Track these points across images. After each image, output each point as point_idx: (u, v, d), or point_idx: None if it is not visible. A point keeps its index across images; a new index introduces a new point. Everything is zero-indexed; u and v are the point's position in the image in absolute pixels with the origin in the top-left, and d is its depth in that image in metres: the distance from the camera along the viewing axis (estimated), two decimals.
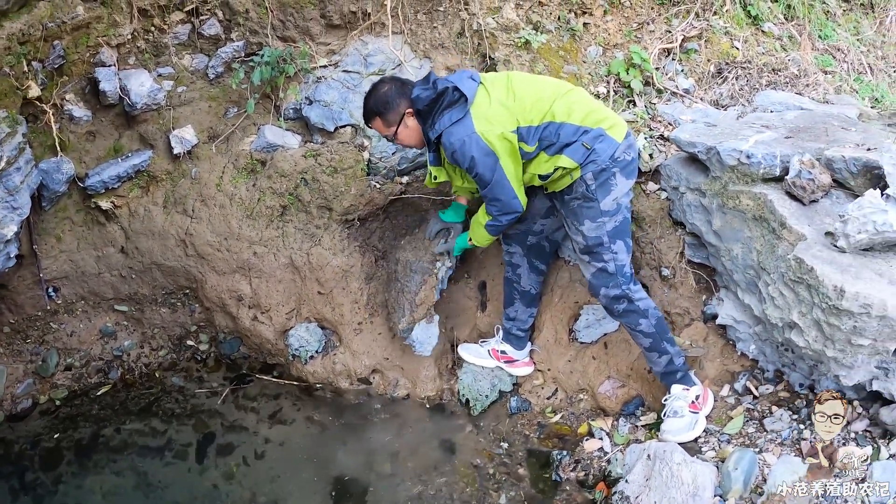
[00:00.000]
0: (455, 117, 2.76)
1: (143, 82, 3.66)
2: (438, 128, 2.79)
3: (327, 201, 3.48)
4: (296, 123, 3.67)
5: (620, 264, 2.91)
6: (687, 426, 2.91)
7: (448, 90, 2.78)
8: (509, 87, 2.83)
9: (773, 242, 2.79)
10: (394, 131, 2.91)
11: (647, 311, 2.93)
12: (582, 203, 2.86)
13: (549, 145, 2.81)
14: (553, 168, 2.83)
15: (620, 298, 2.92)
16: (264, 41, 3.69)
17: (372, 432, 3.34)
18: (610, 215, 2.86)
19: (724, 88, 3.92)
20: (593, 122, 2.83)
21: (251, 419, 3.48)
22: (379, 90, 2.90)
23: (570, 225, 2.94)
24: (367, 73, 3.62)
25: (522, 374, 3.41)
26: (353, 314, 3.52)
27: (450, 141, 2.77)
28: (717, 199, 2.99)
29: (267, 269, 3.53)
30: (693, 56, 3.98)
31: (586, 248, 2.90)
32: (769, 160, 2.90)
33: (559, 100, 2.83)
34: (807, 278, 2.53)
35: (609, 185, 2.84)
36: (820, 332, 2.54)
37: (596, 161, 2.80)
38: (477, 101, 2.79)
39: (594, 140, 2.80)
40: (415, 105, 2.85)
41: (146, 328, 3.76)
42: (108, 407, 3.59)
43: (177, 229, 3.59)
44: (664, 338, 2.95)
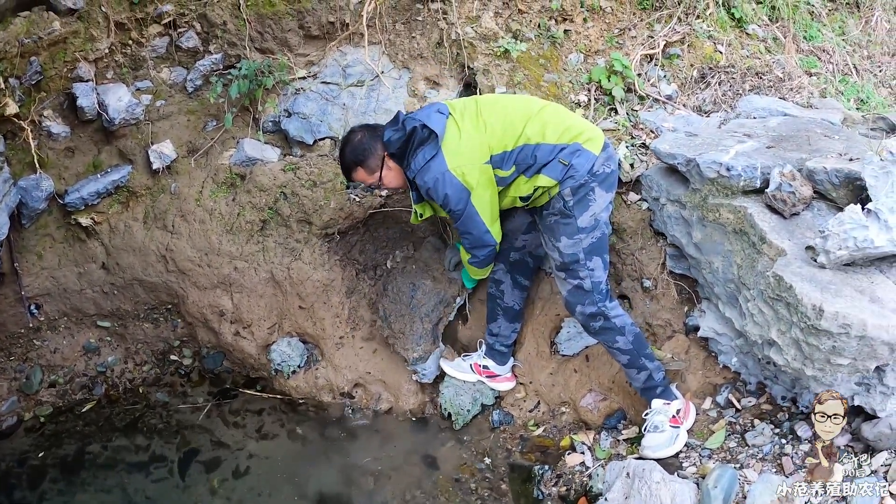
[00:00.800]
0: (428, 155, 2.70)
1: (120, 97, 3.56)
2: (414, 167, 2.73)
3: (307, 215, 3.38)
4: (275, 136, 3.57)
5: (597, 281, 2.81)
6: (667, 441, 2.82)
7: (417, 129, 2.70)
8: (478, 116, 2.77)
9: (753, 257, 2.69)
10: (378, 177, 2.85)
11: (624, 327, 2.83)
12: (559, 219, 2.78)
13: (526, 168, 2.74)
14: (533, 189, 2.77)
15: (596, 316, 2.82)
16: (242, 53, 3.58)
17: (355, 447, 3.25)
18: (587, 232, 2.77)
19: (707, 94, 3.80)
20: (569, 139, 2.74)
21: (235, 434, 3.40)
22: (352, 140, 2.84)
23: (547, 241, 2.86)
24: (345, 84, 3.52)
25: (504, 389, 3.32)
26: (334, 328, 3.43)
27: (423, 180, 2.72)
28: (697, 211, 2.89)
29: (248, 284, 3.44)
30: (676, 61, 3.86)
31: (562, 264, 2.82)
32: (749, 172, 2.79)
33: (531, 121, 2.74)
34: (786, 296, 2.43)
35: (587, 201, 2.75)
36: (799, 351, 2.45)
37: (574, 176, 2.72)
38: (448, 136, 2.73)
39: (571, 155, 2.72)
40: (389, 149, 2.78)
41: (129, 343, 3.68)
42: (92, 423, 3.51)
43: (157, 245, 3.49)
44: (642, 353, 2.85)
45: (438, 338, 3.37)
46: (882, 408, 2.57)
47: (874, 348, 2.30)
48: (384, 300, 3.39)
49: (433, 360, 3.35)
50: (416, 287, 3.35)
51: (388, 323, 3.36)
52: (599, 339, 2.92)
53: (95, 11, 3.50)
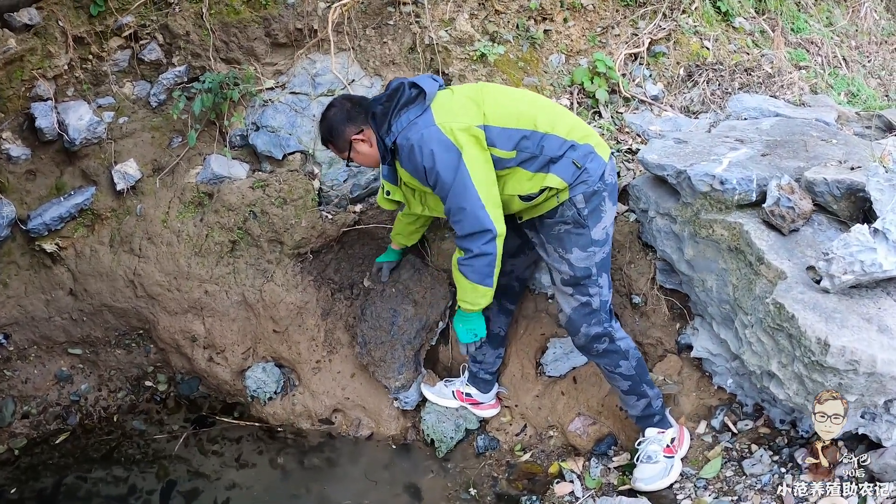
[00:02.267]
0: (413, 115, 2.28)
1: (81, 115, 3.21)
2: (395, 130, 2.30)
3: (278, 235, 3.06)
4: (243, 151, 3.23)
5: (605, 300, 2.47)
6: (661, 472, 2.52)
7: (403, 86, 2.32)
8: (480, 91, 2.39)
9: (750, 278, 2.37)
10: (347, 156, 2.50)
11: (628, 351, 2.50)
12: (571, 229, 2.40)
13: (529, 158, 2.31)
14: (539, 189, 2.33)
15: (602, 337, 2.48)
16: (207, 64, 3.23)
17: (335, 476, 2.96)
18: (599, 245, 2.41)
19: (695, 93, 3.46)
20: (580, 138, 2.36)
21: (214, 463, 3.10)
22: (326, 116, 2.49)
23: (553, 252, 2.45)
24: (315, 95, 3.17)
25: (488, 416, 3.02)
26: (310, 352, 3.12)
27: (406, 137, 2.27)
28: (688, 226, 2.57)
29: (219, 308, 3.12)
30: (661, 59, 3.51)
31: (573, 279, 2.43)
32: (744, 185, 2.47)
33: (541, 109, 2.36)
34: (787, 327, 2.12)
35: (600, 211, 2.39)
36: (801, 386, 2.15)
37: (587, 182, 2.34)
38: (438, 98, 2.33)
39: (585, 158, 2.34)
40: (371, 109, 2.39)
41: (102, 370, 3.37)
42: (68, 455, 3.21)
43: (125, 269, 3.17)
44: (644, 380, 2.53)
45: (420, 364, 3.07)
46: (888, 437, 2.28)
47: (883, 384, 2.00)
48: (363, 325, 3.07)
49: (415, 388, 3.06)
50: (396, 313, 3.02)
51: (368, 350, 3.04)
52: (600, 364, 2.56)
53: (52, 26, 3.15)
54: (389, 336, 3.00)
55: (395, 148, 2.33)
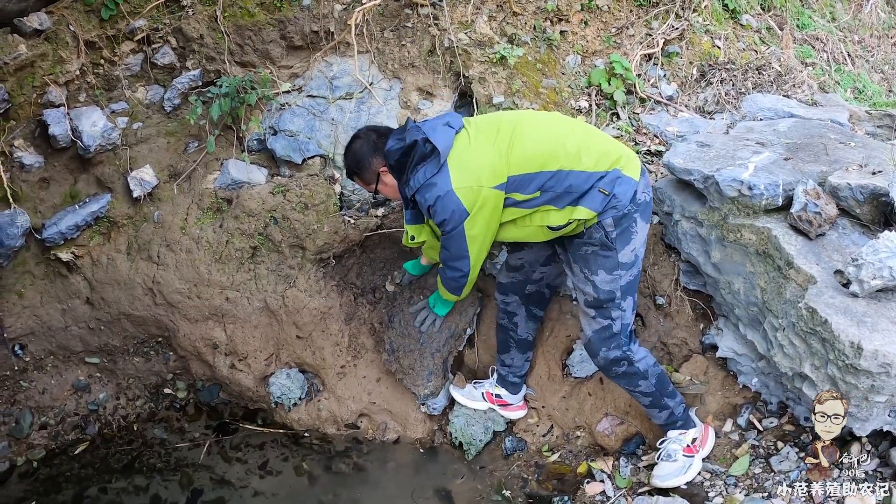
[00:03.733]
0: (429, 172, 2.32)
1: (95, 121, 3.16)
2: (413, 185, 2.36)
3: (299, 240, 3.04)
4: (261, 156, 3.20)
5: (626, 323, 2.48)
6: (678, 470, 2.55)
7: (418, 143, 2.33)
8: (499, 132, 2.35)
9: (779, 282, 2.40)
10: (374, 189, 2.55)
11: (647, 371, 2.53)
12: (598, 251, 2.40)
13: (556, 197, 2.32)
14: (567, 220, 2.35)
15: (620, 361, 2.51)
16: (222, 68, 3.18)
17: (363, 482, 2.97)
18: (626, 268, 2.41)
19: (709, 93, 3.48)
20: (608, 165, 2.34)
21: (238, 471, 3.09)
22: (352, 147, 2.52)
23: (579, 273, 2.46)
24: (333, 98, 3.14)
25: (516, 418, 3.03)
26: (335, 357, 3.11)
27: (424, 198, 2.35)
28: (716, 230, 2.59)
29: (241, 315, 3.10)
30: (675, 59, 3.52)
31: (596, 301, 2.44)
32: (771, 190, 2.49)
33: (565, 143, 2.33)
34: (820, 331, 2.16)
35: (629, 233, 2.38)
36: (834, 387, 2.19)
37: (616, 207, 2.33)
38: (455, 151, 2.34)
39: (612, 184, 2.33)
40: (387, 159, 2.42)
41: (120, 379, 3.33)
42: (88, 465, 3.19)
43: (143, 277, 3.13)
44: (665, 393, 2.57)
45: (448, 371, 3.07)
46: None
47: None
48: (390, 332, 3.06)
49: (443, 394, 3.06)
50: (427, 323, 3.00)
51: (397, 357, 3.03)
52: (620, 384, 2.59)
53: (63, 31, 3.09)
54: (418, 344, 2.99)
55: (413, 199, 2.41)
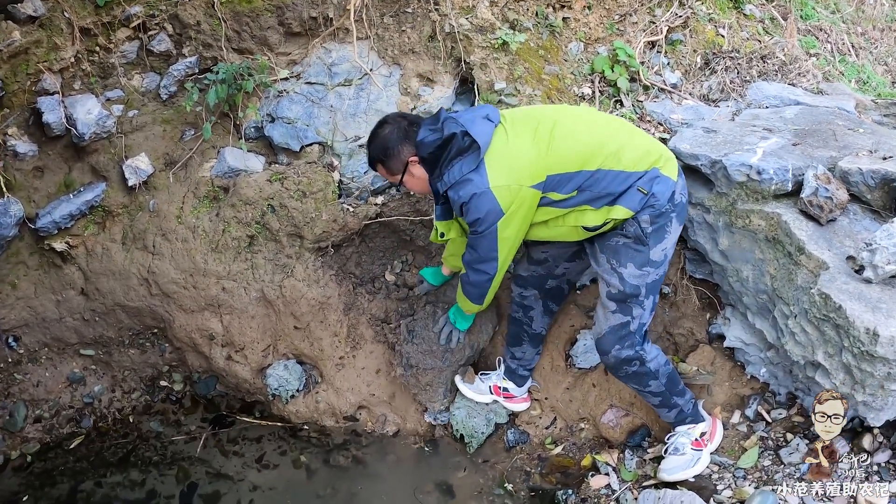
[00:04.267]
0: (466, 168, 2.19)
1: (90, 109, 3.07)
2: (448, 180, 2.23)
3: (297, 229, 2.95)
4: (258, 143, 3.11)
5: (643, 323, 2.37)
6: (685, 464, 2.47)
7: (456, 136, 2.20)
8: (538, 129, 2.24)
9: (789, 269, 2.32)
10: (399, 180, 2.38)
11: (658, 371, 2.42)
12: (630, 244, 2.29)
13: (595, 198, 2.23)
14: (604, 220, 2.26)
15: (632, 361, 2.39)
16: (219, 55, 3.09)
17: (362, 475, 2.88)
18: (655, 266, 2.31)
19: (714, 81, 3.39)
20: (648, 165, 2.25)
21: (235, 464, 3.00)
22: (380, 133, 2.34)
23: (605, 263, 2.34)
24: (332, 85, 3.05)
25: (520, 410, 2.94)
26: (333, 349, 3.02)
27: (458, 195, 2.22)
28: (723, 216, 2.51)
29: (238, 305, 3.01)
30: (679, 47, 3.44)
31: (620, 294, 2.32)
32: (781, 175, 2.41)
33: (606, 142, 2.24)
34: (834, 317, 2.07)
35: (664, 232, 2.28)
36: (849, 376, 2.10)
37: (654, 205, 2.23)
38: (493, 148, 2.21)
39: (650, 182, 2.23)
40: (419, 151, 2.28)
41: (116, 371, 3.25)
42: (83, 459, 3.09)
43: (138, 267, 3.05)
44: (674, 392, 2.47)
45: None
46: None
47: None
48: (409, 347, 2.90)
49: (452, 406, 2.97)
50: (451, 339, 2.88)
51: (414, 373, 2.90)
52: (629, 384, 2.50)
53: (58, 18, 2.99)
54: (441, 362, 2.87)
55: (446, 195, 2.28)
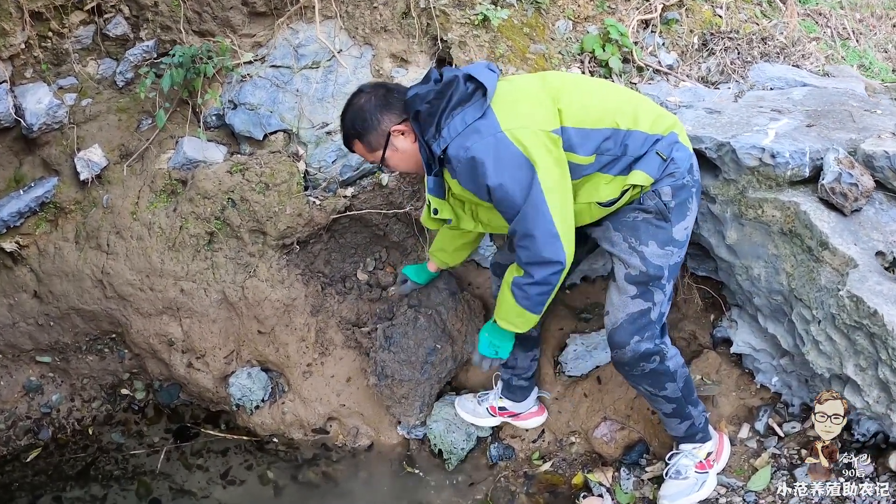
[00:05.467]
0: (470, 117, 1.68)
1: (40, 98, 2.61)
2: (448, 135, 1.70)
3: (260, 224, 2.48)
4: (219, 132, 2.65)
5: (663, 312, 1.90)
6: (688, 489, 2.00)
7: (457, 80, 1.72)
8: (545, 83, 1.79)
9: (809, 265, 1.85)
10: (380, 156, 1.85)
11: (676, 372, 1.94)
12: (651, 219, 1.82)
13: (611, 162, 1.76)
14: (621, 191, 1.79)
15: (651, 356, 1.89)
16: (178, 38, 2.63)
17: (332, 493, 2.43)
18: (678, 246, 1.84)
19: (712, 63, 2.90)
20: (665, 128, 1.81)
21: (199, 479, 2.56)
22: (354, 103, 1.84)
23: (621, 242, 1.85)
24: (298, 67, 2.58)
25: (534, 426, 2.41)
26: (300, 355, 2.56)
27: (463, 147, 1.68)
28: (731, 206, 2.03)
29: (198, 308, 2.55)
30: (674, 27, 2.95)
31: (643, 276, 1.84)
32: (797, 159, 1.93)
33: (622, 102, 1.81)
34: (868, 324, 1.61)
35: (685, 209, 1.83)
36: (885, 393, 1.64)
37: (675, 174, 1.79)
38: (500, 94, 1.73)
39: (669, 147, 1.79)
40: (412, 107, 1.75)
41: (74, 379, 2.79)
42: (41, 472, 2.66)
43: (91, 268, 2.59)
44: (689, 401, 1.99)
45: (435, 398, 2.51)
46: None
47: None
48: (385, 354, 2.43)
49: (428, 421, 2.49)
50: (433, 351, 2.41)
51: (389, 384, 2.43)
52: (642, 387, 1.98)
53: (6, 1, 2.53)
54: (420, 374, 2.40)
55: (445, 157, 1.75)
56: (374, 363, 2.44)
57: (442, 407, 2.46)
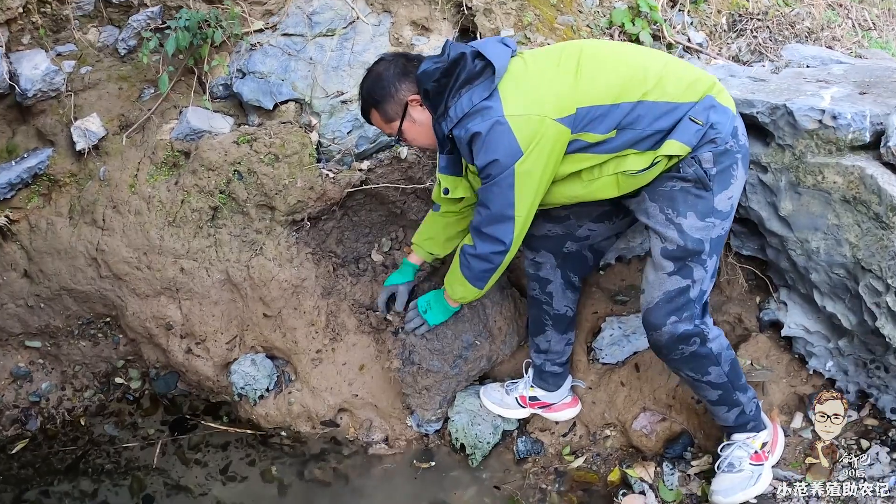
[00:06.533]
0: (477, 98, 1.58)
1: (37, 64, 2.39)
2: (454, 115, 1.60)
3: (268, 198, 2.25)
4: (226, 103, 2.42)
5: (704, 290, 1.68)
6: (743, 482, 1.77)
7: (465, 57, 1.59)
8: (562, 57, 1.63)
9: (878, 234, 1.64)
10: (397, 128, 1.73)
11: (720, 354, 1.72)
12: (690, 188, 1.63)
13: (639, 139, 1.59)
14: (652, 161, 1.61)
15: (691, 338, 1.68)
16: (185, 3, 2.41)
17: (342, 492, 2.16)
18: (721, 218, 1.65)
19: (743, 42, 2.72)
20: (699, 94, 1.62)
21: (196, 475, 2.29)
22: (374, 71, 1.74)
23: (658, 214, 1.67)
24: (311, 35, 2.37)
25: (567, 419, 2.16)
26: (308, 340, 2.30)
27: (466, 130, 1.58)
28: (787, 174, 1.81)
29: (199, 289, 2.30)
30: (702, 6, 2.77)
31: (680, 251, 1.65)
32: (859, 122, 1.72)
33: (648, 67, 1.62)
34: None
35: (729, 176, 1.63)
36: None
37: (715, 140, 1.60)
38: (510, 74, 1.60)
39: (706, 112, 1.60)
40: (421, 85, 1.65)
41: (66, 366, 2.53)
42: (28, 465, 2.39)
43: (86, 245, 2.35)
44: (737, 386, 1.76)
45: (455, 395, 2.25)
46: None
47: None
48: (416, 338, 2.14)
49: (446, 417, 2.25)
50: (471, 346, 2.14)
51: (414, 371, 2.15)
52: (684, 372, 1.77)
53: None
54: (450, 367, 2.13)
55: (452, 136, 1.66)
56: (402, 346, 2.16)
57: (465, 397, 2.20)
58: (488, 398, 2.17)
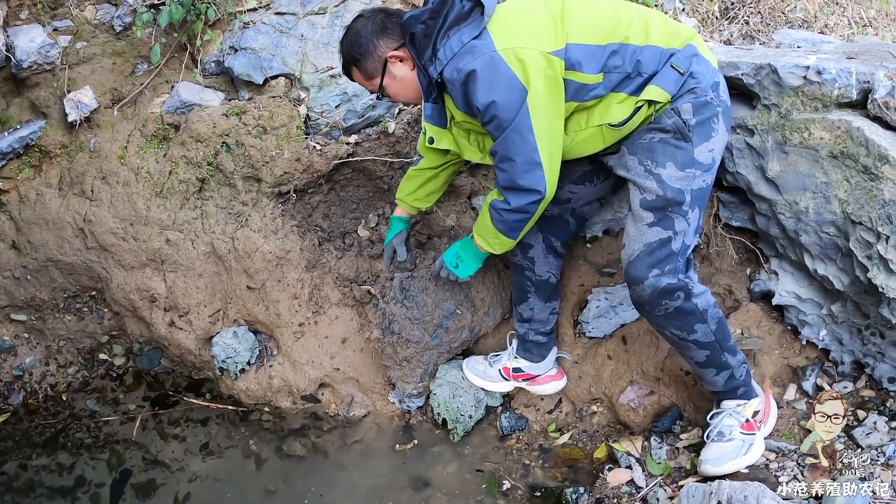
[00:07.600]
0: (466, 37, 1.54)
1: (33, 38, 2.42)
2: (443, 57, 1.55)
3: (255, 170, 2.23)
4: (218, 79, 2.42)
5: (687, 244, 1.62)
6: (734, 451, 1.68)
7: None
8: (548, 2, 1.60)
9: (867, 186, 1.58)
10: (378, 84, 1.70)
11: (707, 311, 1.64)
12: (668, 139, 1.59)
13: (623, 80, 1.56)
14: (633, 109, 1.58)
15: (674, 292, 1.60)
16: None
17: (322, 467, 2.08)
18: (702, 169, 1.59)
19: (735, 28, 2.71)
20: (680, 42, 1.60)
21: (175, 450, 2.22)
22: (352, 28, 1.70)
23: (637, 166, 1.62)
24: (304, 13, 2.37)
25: (552, 392, 2.08)
26: (291, 313, 2.25)
27: (457, 68, 1.53)
28: (773, 134, 1.76)
29: (183, 261, 2.27)
30: None
31: (660, 200, 1.59)
32: (844, 78, 1.68)
33: (632, 14, 1.60)
34: None
35: (709, 129, 1.59)
36: None
37: (695, 90, 1.57)
38: (500, 13, 1.57)
39: (688, 60, 1.57)
40: (408, 29, 1.61)
41: (50, 341, 2.49)
42: (8, 438, 2.33)
43: (73, 216, 2.33)
44: (725, 347, 1.67)
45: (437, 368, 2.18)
46: None
47: None
48: (396, 307, 2.08)
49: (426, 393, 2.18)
50: (452, 315, 2.07)
51: (394, 341, 2.09)
52: (667, 329, 1.68)
53: None
54: (430, 337, 2.07)
55: (443, 81, 1.60)
56: (383, 315, 2.10)
57: (448, 370, 2.12)
58: (471, 370, 2.09)
